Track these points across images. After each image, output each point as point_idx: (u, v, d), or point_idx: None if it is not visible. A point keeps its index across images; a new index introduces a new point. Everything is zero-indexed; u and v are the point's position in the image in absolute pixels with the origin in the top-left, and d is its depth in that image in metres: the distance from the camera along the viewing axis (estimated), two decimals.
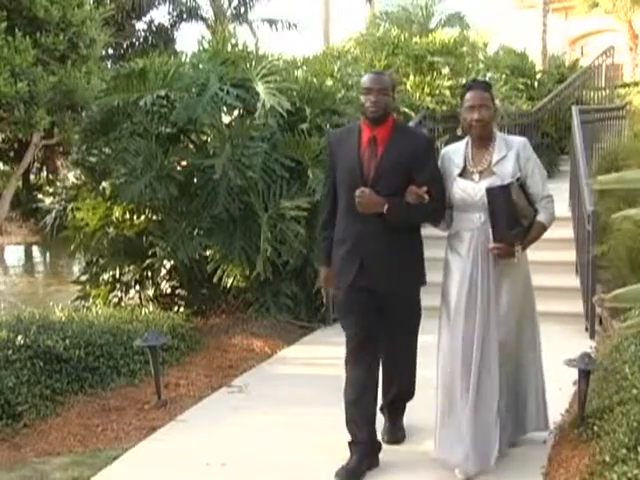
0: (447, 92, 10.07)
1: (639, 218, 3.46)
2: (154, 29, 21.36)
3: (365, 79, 3.85)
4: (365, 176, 3.79)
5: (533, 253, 7.85)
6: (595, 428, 3.83)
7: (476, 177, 3.81)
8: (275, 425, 4.58)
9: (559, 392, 4.72)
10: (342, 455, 3.89)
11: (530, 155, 3.83)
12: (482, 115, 3.76)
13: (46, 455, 4.23)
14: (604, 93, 13.88)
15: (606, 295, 1.68)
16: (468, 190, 3.79)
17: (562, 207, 8.66)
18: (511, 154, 3.78)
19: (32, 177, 19.37)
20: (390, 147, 3.79)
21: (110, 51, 18.68)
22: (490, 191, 3.70)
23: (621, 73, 17.94)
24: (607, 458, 3.36)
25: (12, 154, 17.11)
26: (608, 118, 10.79)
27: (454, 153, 3.92)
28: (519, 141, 3.89)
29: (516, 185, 3.73)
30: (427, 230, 4.08)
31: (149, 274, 7.26)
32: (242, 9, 22.29)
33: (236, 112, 7.16)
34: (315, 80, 7.44)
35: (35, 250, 17.00)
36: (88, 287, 7.40)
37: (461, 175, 3.83)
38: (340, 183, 3.91)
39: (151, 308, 6.87)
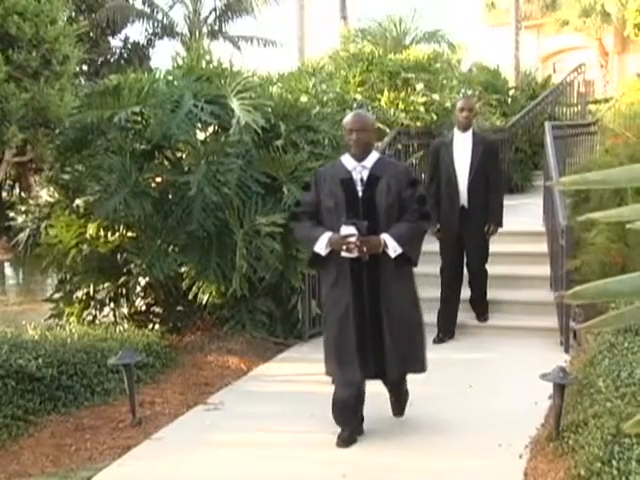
0: (421, 108, 10.14)
1: (603, 221, 3.48)
2: (129, 46, 21.34)
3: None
4: None
5: (508, 267, 7.86)
6: (570, 442, 3.85)
7: None
8: (251, 442, 4.55)
9: (535, 406, 4.74)
10: (320, 470, 3.87)
11: None
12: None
13: (17, 477, 4.16)
14: (576, 109, 14.06)
15: (566, 292, 1.69)
16: None
17: (536, 222, 8.74)
18: None
19: (4, 194, 19.18)
20: None
21: (84, 67, 18.59)
22: None
23: (592, 89, 18.20)
24: (582, 472, 3.38)
25: None
26: (580, 134, 10.90)
27: None
28: None
29: None
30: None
31: (124, 291, 7.19)
32: (216, 26, 22.38)
33: (211, 129, 7.15)
34: (290, 96, 7.44)
35: (7, 268, 16.80)
36: (61, 305, 7.30)
37: None
38: None
39: (126, 326, 6.81)
